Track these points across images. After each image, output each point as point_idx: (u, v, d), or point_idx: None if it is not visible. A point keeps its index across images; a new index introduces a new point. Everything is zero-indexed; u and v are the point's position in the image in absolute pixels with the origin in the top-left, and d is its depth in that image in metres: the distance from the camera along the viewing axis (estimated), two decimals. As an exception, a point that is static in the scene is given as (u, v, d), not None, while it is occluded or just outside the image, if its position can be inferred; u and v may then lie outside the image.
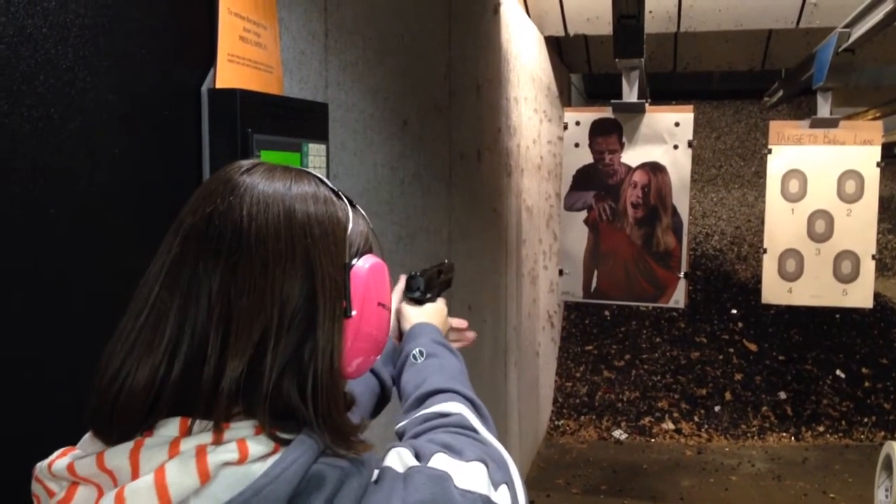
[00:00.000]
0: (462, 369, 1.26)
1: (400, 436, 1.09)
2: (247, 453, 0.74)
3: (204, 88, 1.51)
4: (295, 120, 1.69)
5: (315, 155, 1.76)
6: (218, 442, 0.74)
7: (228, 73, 1.54)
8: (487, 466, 0.88)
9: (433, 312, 1.43)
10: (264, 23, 1.68)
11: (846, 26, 3.89)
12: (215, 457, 0.73)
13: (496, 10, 4.32)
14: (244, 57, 1.60)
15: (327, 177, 1.83)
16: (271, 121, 1.58)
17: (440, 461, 0.85)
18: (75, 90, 1.19)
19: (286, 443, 0.77)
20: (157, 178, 1.40)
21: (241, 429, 0.76)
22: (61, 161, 1.17)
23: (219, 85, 1.52)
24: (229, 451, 0.74)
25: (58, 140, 1.16)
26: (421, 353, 1.27)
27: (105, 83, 1.26)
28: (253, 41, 1.63)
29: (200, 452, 0.73)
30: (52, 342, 1.16)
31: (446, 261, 1.64)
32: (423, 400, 1.14)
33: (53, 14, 1.15)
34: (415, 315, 1.40)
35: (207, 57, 1.52)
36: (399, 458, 0.85)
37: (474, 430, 1.02)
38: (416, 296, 1.44)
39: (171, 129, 1.44)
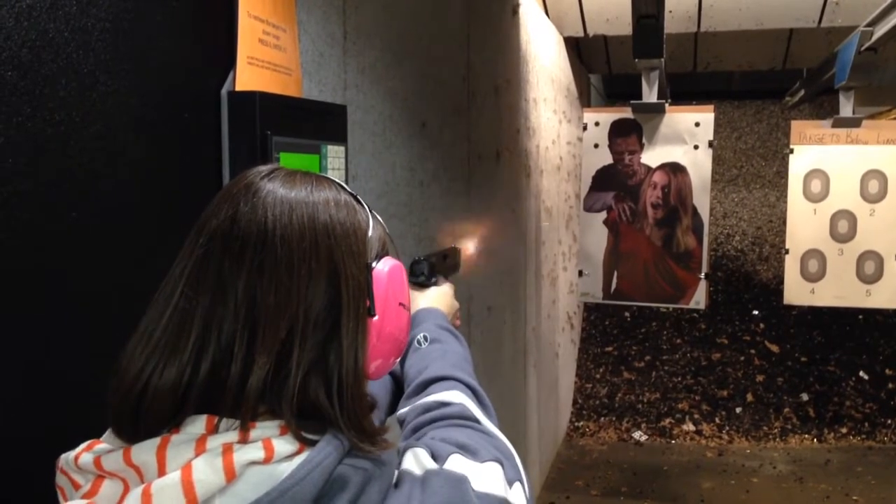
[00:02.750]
0: (466, 355, 1.25)
1: (401, 423, 1.10)
2: (273, 452, 0.74)
3: (223, 91, 1.52)
4: (314, 122, 1.70)
5: (334, 157, 1.77)
6: (244, 440, 0.75)
7: (248, 76, 1.55)
8: (503, 466, 0.89)
9: (439, 296, 1.42)
10: (283, 25, 1.69)
11: (868, 25, 3.86)
12: (241, 455, 0.73)
13: (515, 11, 4.32)
14: (263, 59, 1.61)
15: (346, 179, 1.83)
16: (290, 123, 1.59)
17: (457, 463, 0.86)
18: (96, 94, 1.20)
19: (311, 443, 0.77)
20: (177, 181, 1.41)
21: (267, 428, 0.77)
22: (83, 164, 1.18)
23: (238, 87, 1.52)
24: (255, 450, 0.74)
25: (80, 143, 1.17)
26: (425, 338, 1.26)
27: (126, 86, 1.27)
28: (272, 44, 1.64)
29: (227, 451, 0.74)
30: (76, 344, 1.17)
31: (453, 245, 1.63)
32: (424, 387, 1.14)
33: (75, 18, 1.16)
34: (420, 300, 1.39)
35: (227, 60, 1.53)
36: (416, 460, 0.85)
37: (476, 421, 1.02)
38: (420, 280, 1.42)
39: (191, 132, 1.45)
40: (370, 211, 0.92)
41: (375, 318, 0.86)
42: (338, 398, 0.80)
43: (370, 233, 0.89)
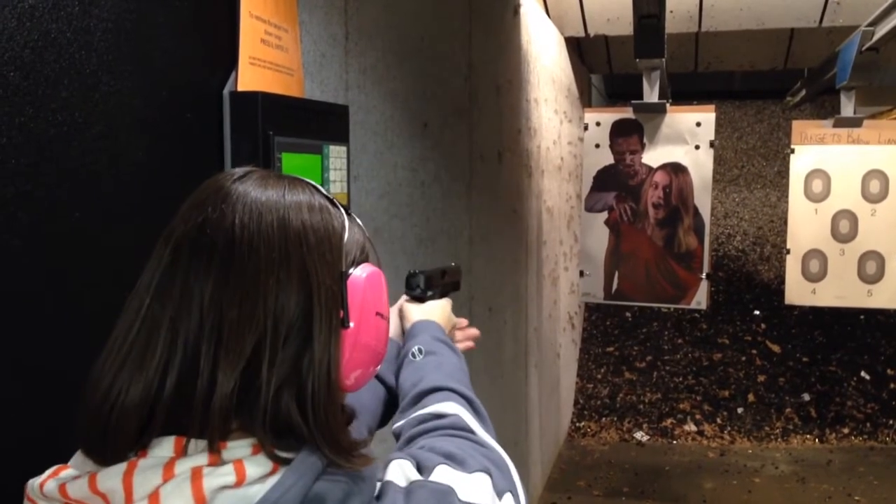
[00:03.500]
0: (461, 367, 1.22)
1: (397, 436, 1.08)
2: (244, 475, 0.72)
3: (226, 91, 1.52)
4: (316, 122, 1.70)
5: (336, 157, 1.76)
6: (214, 463, 0.72)
7: (250, 76, 1.55)
8: (491, 476, 0.86)
9: (434, 310, 1.39)
10: (285, 25, 1.69)
11: (870, 25, 3.86)
12: (211, 480, 0.71)
13: (516, 11, 4.32)
14: (265, 60, 1.61)
15: (347, 179, 1.83)
16: (293, 123, 1.59)
17: (443, 474, 0.83)
18: (99, 94, 1.20)
19: (285, 462, 0.74)
20: (179, 181, 1.40)
21: (238, 448, 0.74)
22: (86, 165, 1.18)
23: (240, 88, 1.52)
24: (226, 474, 0.72)
25: (82, 144, 1.17)
26: (420, 350, 1.23)
27: (128, 87, 1.27)
28: (274, 44, 1.64)
29: (196, 475, 0.71)
30: (77, 346, 1.17)
31: (452, 264, 1.61)
32: (419, 399, 1.12)
33: (77, 19, 1.16)
34: (416, 313, 1.36)
35: (229, 60, 1.53)
36: (401, 472, 0.83)
37: (471, 432, 1.00)
38: (416, 293, 1.40)
39: (194, 132, 1.45)
40: (348, 214, 0.88)
41: (350, 327, 0.82)
42: (312, 413, 0.76)
43: (346, 238, 0.85)
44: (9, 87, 1.04)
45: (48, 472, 0.79)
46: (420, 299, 1.40)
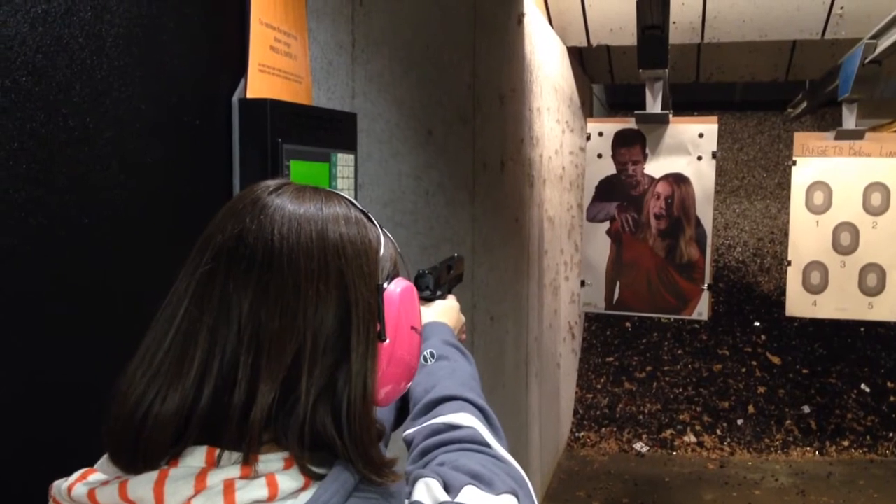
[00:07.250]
0: (474, 374, 1.21)
1: (408, 443, 1.07)
2: (276, 490, 0.72)
3: (235, 98, 1.52)
4: (324, 130, 1.70)
5: (343, 165, 1.76)
6: (247, 476, 0.72)
7: (259, 83, 1.55)
8: (518, 498, 0.86)
9: (445, 310, 1.38)
10: (294, 33, 1.69)
11: (872, 37, 3.87)
12: (244, 494, 0.71)
13: (520, 20, 4.32)
14: (274, 67, 1.61)
15: (354, 187, 1.83)
16: (301, 131, 1.59)
17: (470, 496, 0.83)
18: (110, 99, 1.20)
19: (318, 477, 0.74)
20: (188, 187, 1.40)
21: (271, 462, 0.74)
22: (96, 170, 1.18)
23: (249, 95, 1.52)
24: (258, 488, 0.71)
25: (93, 149, 1.17)
26: (431, 354, 1.22)
27: (139, 93, 1.27)
28: (283, 51, 1.64)
29: (228, 489, 0.71)
30: (88, 351, 1.17)
31: (455, 255, 1.59)
32: (432, 407, 1.10)
33: (89, 24, 1.16)
34: (426, 314, 1.33)
35: (238, 67, 1.53)
36: (428, 492, 0.82)
37: (487, 446, 0.99)
38: (425, 294, 1.38)
39: (203, 139, 1.45)
40: (381, 229, 0.88)
41: (386, 342, 0.83)
42: (347, 427, 0.76)
43: (381, 252, 0.85)
44: (21, 92, 1.04)
45: (76, 475, 0.79)
46: (429, 300, 1.39)
